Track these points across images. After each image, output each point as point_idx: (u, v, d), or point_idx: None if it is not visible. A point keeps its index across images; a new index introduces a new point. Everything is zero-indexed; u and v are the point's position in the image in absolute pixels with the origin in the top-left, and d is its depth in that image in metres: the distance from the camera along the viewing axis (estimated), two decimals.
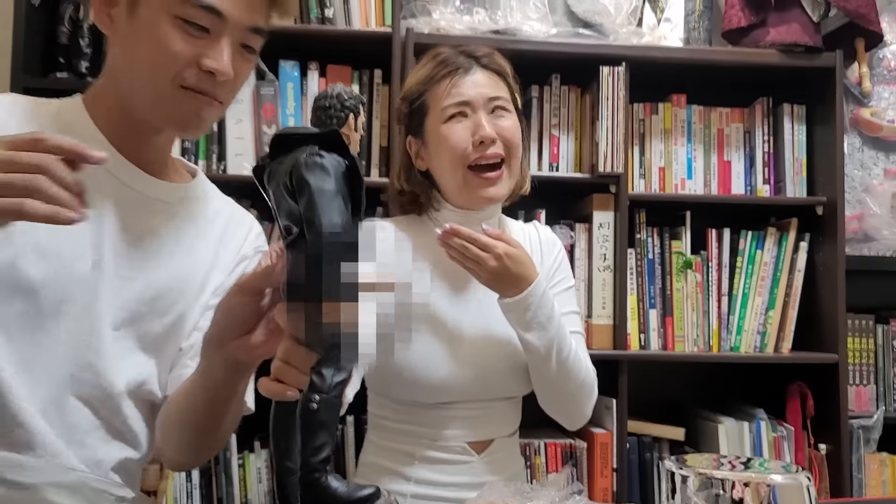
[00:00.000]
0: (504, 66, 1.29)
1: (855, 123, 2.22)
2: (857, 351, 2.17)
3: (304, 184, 0.63)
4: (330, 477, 0.62)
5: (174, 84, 0.85)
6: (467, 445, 1.24)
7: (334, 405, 0.63)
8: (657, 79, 2.08)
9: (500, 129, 1.23)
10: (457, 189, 1.26)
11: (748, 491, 0.75)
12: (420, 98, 1.27)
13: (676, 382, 2.21)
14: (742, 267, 2.07)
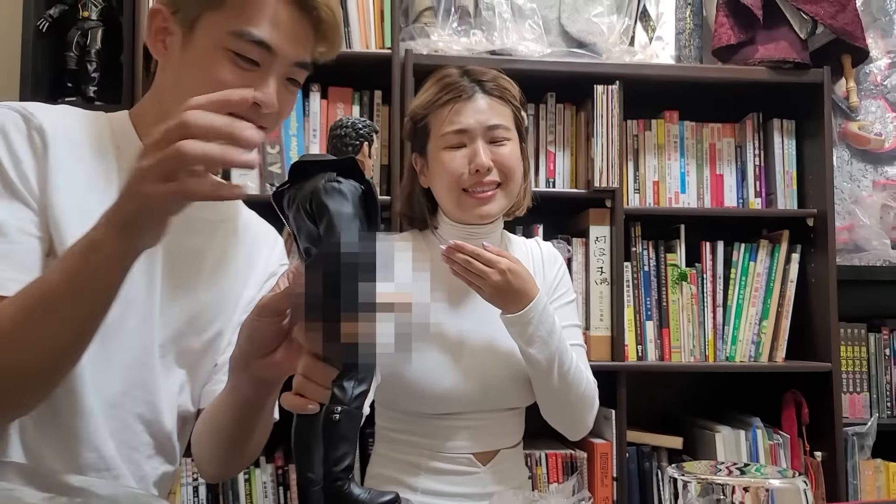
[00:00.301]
0: (509, 89, 1.32)
1: (843, 137, 2.28)
2: (850, 359, 2.22)
3: (324, 208, 0.67)
4: (352, 485, 0.65)
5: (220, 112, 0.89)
6: (473, 457, 1.27)
7: (355, 416, 0.66)
8: (650, 96, 2.13)
9: (496, 157, 1.27)
10: (452, 208, 1.31)
11: (748, 496, 0.79)
12: (423, 120, 1.31)
13: (674, 392, 2.25)
14: (736, 278, 2.12)
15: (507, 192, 1.30)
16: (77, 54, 1.89)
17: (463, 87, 1.28)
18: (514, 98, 1.33)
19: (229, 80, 0.85)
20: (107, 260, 0.71)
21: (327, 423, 0.66)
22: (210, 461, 0.98)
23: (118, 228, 0.70)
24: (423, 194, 1.37)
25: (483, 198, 1.28)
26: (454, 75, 1.31)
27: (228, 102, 0.69)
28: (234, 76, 0.86)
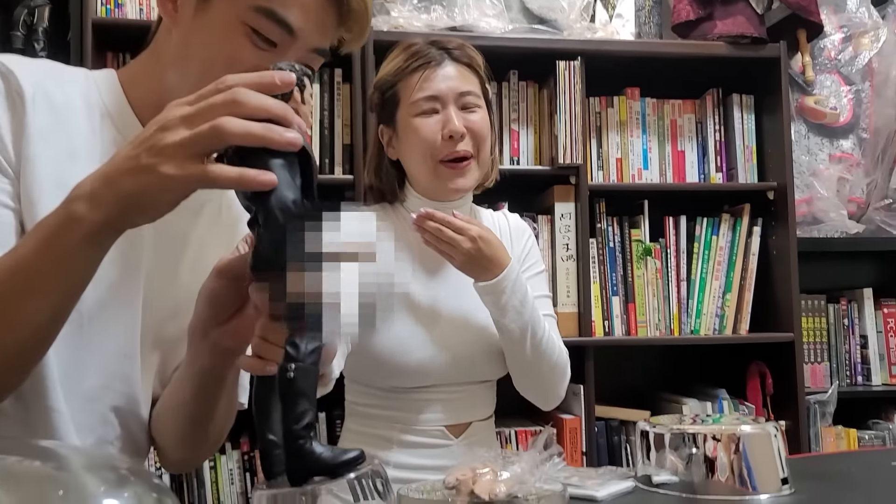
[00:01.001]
0: (475, 57, 1.31)
1: (800, 111, 2.31)
2: (810, 330, 2.26)
3: (252, 160, 0.64)
4: (314, 443, 0.63)
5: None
6: (445, 429, 1.26)
7: (311, 372, 0.64)
8: (612, 73, 2.14)
9: (469, 124, 1.26)
10: (426, 180, 1.29)
11: (720, 446, 0.79)
12: (392, 89, 1.29)
13: (640, 367, 2.27)
14: (699, 252, 2.14)
15: (479, 164, 1.30)
16: (24, 34, 1.83)
17: (431, 54, 1.27)
18: (480, 67, 1.32)
19: (244, 58, 0.79)
20: (88, 237, 0.65)
21: (283, 382, 0.63)
22: (173, 445, 0.92)
23: (107, 206, 0.63)
24: (392, 166, 1.35)
25: (459, 168, 1.26)
26: (420, 44, 1.30)
27: (274, 85, 0.63)
28: (249, 54, 0.79)
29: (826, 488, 0.81)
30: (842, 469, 0.90)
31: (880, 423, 2.22)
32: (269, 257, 0.62)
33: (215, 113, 0.60)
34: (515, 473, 0.77)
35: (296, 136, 0.62)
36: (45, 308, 0.68)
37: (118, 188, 0.63)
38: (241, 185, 0.60)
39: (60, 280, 0.67)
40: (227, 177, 0.60)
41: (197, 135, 0.60)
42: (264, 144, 0.61)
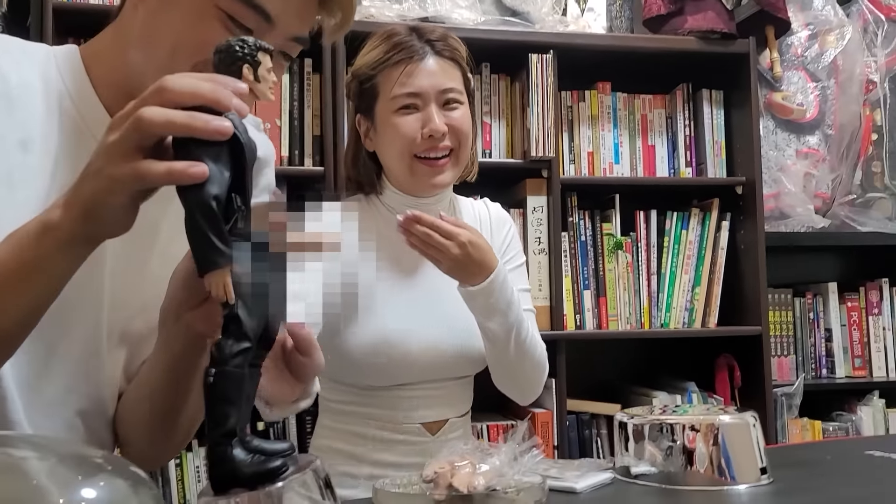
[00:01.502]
0: (458, 49, 1.27)
1: (768, 107, 2.34)
2: (777, 323, 2.29)
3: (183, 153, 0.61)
4: (236, 449, 0.61)
5: (194, 72, 0.76)
6: (421, 426, 1.24)
7: (234, 376, 0.62)
8: (583, 67, 2.14)
9: (450, 122, 1.23)
10: (402, 176, 1.26)
11: (699, 437, 0.79)
12: (371, 80, 1.25)
13: (611, 360, 2.28)
14: (669, 246, 2.15)
15: (458, 160, 1.26)
16: None
17: (413, 46, 1.23)
18: (462, 59, 1.29)
19: (215, 37, 0.72)
20: (61, 246, 0.62)
21: (205, 386, 0.61)
22: (140, 438, 0.88)
23: (77, 212, 0.61)
24: (369, 157, 1.31)
25: (437, 165, 1.23)
26: (402, 34, 1.25)
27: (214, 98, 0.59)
28: (221, 34, 0.74)
29: (804, 476, 0.81)
30: (818, 458, 0.91)
31: (844, 414, 2.26)
32: (196, 256, 0.60)
33: (145, 105, 0.57)
34: (494, 466, 0.76)
35: (222, 125, 0.58)
36: (12, 313, 0.65)
37: (80, 194, 0.60)
38: (171, 180, 0.57)
39: (31, 287, 0.64)
40: (156, 172, 0.57)
41: (125, 130, 0.57)
42: (188, 134, 0.57)
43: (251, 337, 0.64)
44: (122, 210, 0.61)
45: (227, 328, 0.63)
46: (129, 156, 0.57)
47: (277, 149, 1.91)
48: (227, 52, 0.63)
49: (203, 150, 0.59)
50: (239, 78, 0.62)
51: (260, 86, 0.63)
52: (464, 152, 1.26)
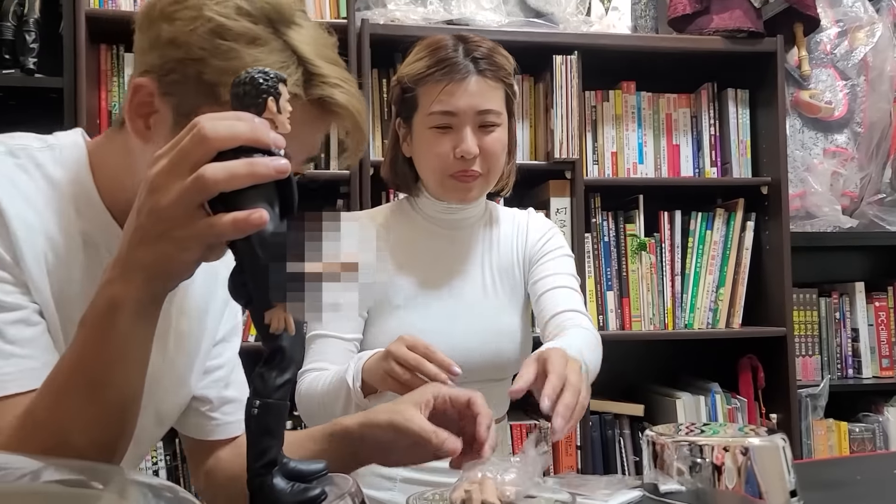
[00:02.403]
0: (504, 67, 1.25)
1: (795, 105, 2.32)
2: (802, 323, 2.27)
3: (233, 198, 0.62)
4: (276, 479, 0.63)
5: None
6: None
7: (277, 408, 0.63)
8: (607, 67, 2.13)
9: (483, 144, 1.22)
10: (434, 189, 1.28)
11: (728, 458, 0.79)
12: (412, 92, 1.25)
13: (634, 361, 2.28)
14: (693, 247, 2.14)
15: (487, 182, 1.27)
16: (14, 24, 1.79)
17: (457, 64, 1.21)
18: (507, 76, 1.27)
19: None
20: (131, 317, 0.62)
21: (247, 417, 0.63)
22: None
23: (140, 279, 0.61)
24: (406, 162, 1.32)
25: (466, 180, 1.23)
26: (449, 48, 1.23)
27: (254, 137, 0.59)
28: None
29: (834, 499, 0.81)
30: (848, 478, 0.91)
31: (870, 415, 2.25)
32: (254, 291, 0.62)
33: (189, 159, 0.57)
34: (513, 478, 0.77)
35: (281, 164, 0.59)
36: (125, 390, 0.66)
37: (138, 263, 0.60)
38: (239, 232, 0.58)
39: (124, 361, 0.65)
40: (226, 226, 0.57)
41: (185, 191, 0.57)
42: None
43: (294, 368, 0.65)
44: (193, 265, 0.62)
45: (271, 359, 0.64)
46: (194, 214, 0.58)
47: None
48: (251, 84, 0.63)
49: (254, 190, 0.60)
50: (263, 110, 0.63)
51: (281, 117, 0.64)
52: (493, 174, 1.27)
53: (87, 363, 0.64)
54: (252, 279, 0.62)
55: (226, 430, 0.96)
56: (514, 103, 1.30)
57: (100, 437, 0.65)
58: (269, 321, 0.63)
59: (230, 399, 0.96)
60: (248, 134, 0.59)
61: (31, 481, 0.47)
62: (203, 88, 0.72)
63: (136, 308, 0.62)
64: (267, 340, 0.64)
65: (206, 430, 0.96)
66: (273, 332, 0.63)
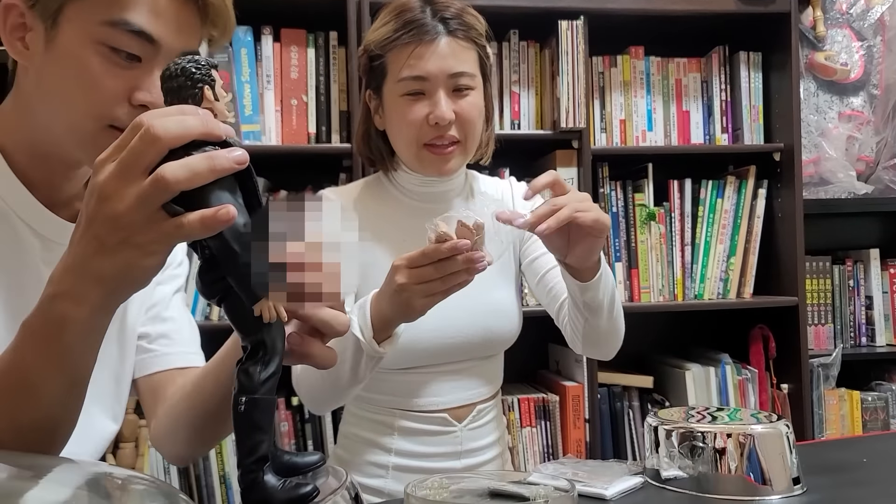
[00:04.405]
0: (475, 26, 1.20)
1: (810, 68, 2.25)
2: (815, 292, 2.24)
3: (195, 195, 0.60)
4: (267, 475, 0.62)
5: (102, 123, 0.76)
6: (447, 415, 1.21)
7: (264, 403, 0.62)
8: (615, 31, 2.07)
9: (458, 109, 1.17)
10: (410, 162, 1.23)
11: (731, 445, 0.77)
12: (380, 59, 1.20)
13: (644, 332, 2.25)
14: (704, 216, 2.10)
15: (466, 149, 1.21)
16: None
17: (425, 25, 1.16)
18: (479, 36, 1.22)
19: (109, 85, 0.74)
20: (80, 334, 0.60)
21: (235, 414, 0.62)
22: (178, 439, 0.91)
23: (98, 293, 0.59)
24: (380, 136, 1.27)
25: (443, 153, 1.19)
26: (416, 9, 1.18)
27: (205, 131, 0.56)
28: (111, 75, 0.74)
29: (838, 484, 0.79)
30: (853, 461, 0.88)
31: (883, 384, 2.22)
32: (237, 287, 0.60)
33: (142, 161, 0.55)
34: None
35: (240, 156, 0.57)
36: (56, 400, 0.64)
37: (96, 275, 0.58)
38: (208, 230, 0.56)
39: (66, 373, 0.63)
40: (193, 226, 0.55)
41: (144, 194, 0.54)
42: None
43: (279, 360, 0.64)
44: (156, 270, 0.60)
45: (254, 353, 0.63)
46: (155, 217, 0.55)
47: (304, 126, 1.90)
48: (185, 75, 0.61)
49: (214, 185, 0.58)
50: (200, 100, 0.61)
51: (219, 104, 0.62)
52: (471, 141, 1.21)
53: (25, 369, 0.62)
54: (233, 276, 0.60)
55: (163, 361, 0.96)
56: (488, 67, 1.25)
57: (34, 437, 0.64)
58: (259, 313, 0.61)
59: (165, 333, 0.96)
60: (201, 128, 0.56)
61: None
62: None
63: (85, 326, 0.60)
64: (248, 335, 0.63)
65: (145, 364, 0.95)
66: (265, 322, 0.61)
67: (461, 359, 1.23)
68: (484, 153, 1.30)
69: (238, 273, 0.59)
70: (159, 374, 0.96)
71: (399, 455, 1.21)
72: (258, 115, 1.87)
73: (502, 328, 1.25)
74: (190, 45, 0.78)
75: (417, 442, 1.21)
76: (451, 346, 1.20)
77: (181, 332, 0.97)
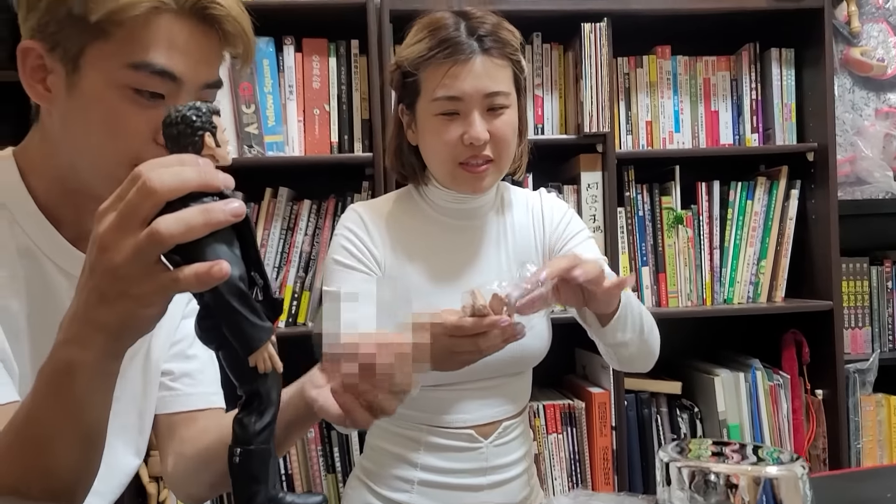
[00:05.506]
0: (510, 42, 1.18)
1: (845, 64, 2.18)
2: (851, 294, 2.18)
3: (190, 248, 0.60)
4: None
5: (129, 165, 0.73)
6: (473, 432, 1.21)
7: (259, 454, 0.62)
8: (640, 31, 2.03)
9: (493, 129, 1.16)
10: (443, 180, 1.23)
11: (744, 487, 0.75)
12: (414, 76, 1.19)
13: (672, 337, 2.19)
14: (733, 219, 2.06)
15: (499, 168, 1.21)
16: None
17: (461, 44, 1.14)
18: (514, 52, 1.19)
19: (132, 122, 0.74)
20: (89, 380, 0.62)
21: (231, 466, 0.62)
22: (208, 483, 0.92)
23: (102, 339, 0.60)
24: (412, 151, 1.27)
25: (477, 171, 1.18)
26: (450, 26, 1.16)
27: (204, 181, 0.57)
28: (136, 116, 0.74)
29: None
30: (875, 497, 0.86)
31: None
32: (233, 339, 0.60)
33: (138, 213, 0.55)
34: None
35: (237, 208, 0.57)
36: (70, 453, 0.65)
37: (99, 324, 0.59)
38: (203, 286, 0.56)
39: (78, 424, 0.64)
40: (188, 281, 0.55)
41: (139, 247, 0.55)
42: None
43: (274, 411, 0.64)
44: (157, 318, 0.61)
45: (249, 404, 0.63)
46: (152, 270, 0.56)
47: (327, 135, 1.90)
48: (185, 123, 0.61)
49: (211, 237, 0.58)
50: (200, 147, 0.61)
51: (220, 150, 0.62)
52: (505, 160, 1.21)
53: (38, 421, 0.63)
54: (228, 328, 0.60)
55: (186, 401, 0.97)
56: (522, 81, 1.23)
57: (54, 484, 0.65)
58: (254, 364, 0.61)
59: (189, 372, 0.97)
60: (197, 181, 0.57)
61: None
62: (78, 25, 0.72)
63: (93, 371, 0.61)
64: (243, 384, 0.63)
65: (166, 402, 0.97)
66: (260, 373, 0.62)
67: (491, 376, 1.23)
68: (518, 165, 1.30)
69: (233, 325, 0.60)
70: (180, 414, 0.98)
71: (425, 470, 1.21)
72: (281, 125, 1.88)
73: (533, 346, 1.24)
74: (211, 75, 0.79)
75: (443, 458, 1.21)
76: (482, 363, 1.20)
77: (205, 371, 0.98)
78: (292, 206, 1.90)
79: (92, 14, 0.71)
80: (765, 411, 2.01)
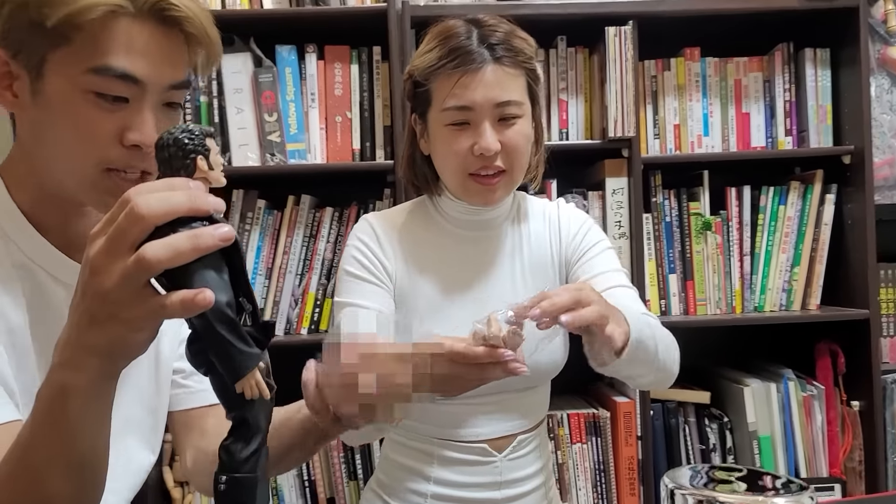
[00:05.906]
0: (523, 50, 1.16)
1: (882, 63, 2.10)
2: (890, 301, 2.10)
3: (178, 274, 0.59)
4: None
5: (99, 167, 0.77)
6: (487, 446, 1.20)
7: (245, 482, 0.62)
8: (668, 32, 1.99)
9: (504, 139, 1.14)
10: (456, 191, 1.22)
11: None
12: (425, 86, 1.18)
13: (700, 345, 2.16)
14: (764, 224, 2.00)
15: (511, 179, 1.19)
16: None
17: (471, 53, 1.13)
18: (527, 61, 1.18)
19: (97, 125, 0.75)
20: (84, 402, 0.62)
21: (216, 493, 0.62)
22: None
23: (95, 363, 0.60)
24: (425, 161, 1.26)
25: (489, 184, 1.17)
26: (461, 35, 1.15)
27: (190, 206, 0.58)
28: (101, 119, 0.75)
29: None
30: None
31: None
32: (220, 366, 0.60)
33: (127, 238, 0.55)
34: None
35: (225, 232, 0.57)
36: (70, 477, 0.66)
37: (90, 347, 0.59)
38: (189, 313, 0.56)
39: (72, 452, 0.65)
40: (175, 308, 0.55)
41: (127, 272, 0.55)
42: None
43: (261, 438, 0.64)
44: (149, 341, 0.62)
45: (235, 430, 0.63)
46: (141, 294, 0.56)
47: (349, 142, 1.90)
48: (177, 146, 0.61)
49: (199, 262, 0.58)
50: (192, 170, 0.61)
51: (213, 173, 0.62)
52: (518, 170, 1.19)
53: (35, 446, 0.64)
54: (215, 354, 0.60)
55: (200, 397, 0.98)
56: (536, 89, 1.20)
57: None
58: (241, 390, 0.61)
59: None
60: (186, 205, 0.57)
61: None
62: (39, 31, 0.73)
63: (88, 393, 0.61)
64: (230, 410, 0.63)
65: (179, 399, 0.98)
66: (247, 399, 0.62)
67: (505, 390, 1.21)
68: (534, 175, 1.28)
69: (220, 351, 0.60)
70: (194, 410, 0.99)
71: (438, 484, 1.21)
72: (303, 133, 1.89)
73: (548, 361, 1.23)
74: (176, 76, 0.79)
75: (457, 471, 1.21)
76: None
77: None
78: (315, 214, 1.91)
79: (48, 19, 0.72)
80: (797, 422, 1.95)
